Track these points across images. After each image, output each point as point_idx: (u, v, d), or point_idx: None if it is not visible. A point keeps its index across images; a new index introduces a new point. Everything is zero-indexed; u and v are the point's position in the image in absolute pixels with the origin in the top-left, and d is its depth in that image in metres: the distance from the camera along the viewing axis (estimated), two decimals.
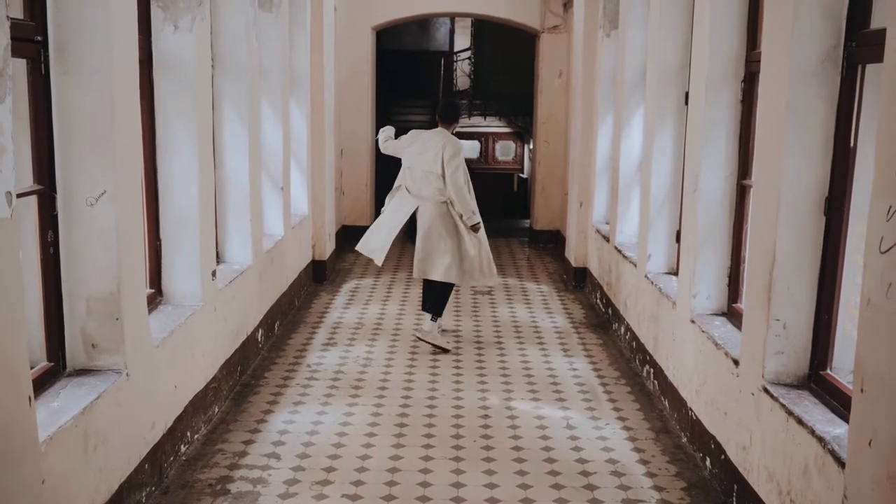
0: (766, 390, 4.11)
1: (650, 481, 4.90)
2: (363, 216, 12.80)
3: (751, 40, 5.19)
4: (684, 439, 5.49)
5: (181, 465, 4.99)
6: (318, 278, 10.03)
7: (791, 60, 3.95)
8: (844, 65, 3.90)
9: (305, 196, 9.46)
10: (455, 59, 19.62)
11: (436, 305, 7.55)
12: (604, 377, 6.77)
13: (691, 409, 5.37)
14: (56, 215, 4.02)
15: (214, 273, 5.76)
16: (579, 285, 9.98)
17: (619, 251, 7.87)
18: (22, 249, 3.26)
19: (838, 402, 3.77)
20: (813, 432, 3.59)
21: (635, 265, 7.19)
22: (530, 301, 9.37)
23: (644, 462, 5.16)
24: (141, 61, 4.61)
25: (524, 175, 17.45)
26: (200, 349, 5.48)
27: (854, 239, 3.89)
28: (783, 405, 3.91)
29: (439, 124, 7.48)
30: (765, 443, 4.13)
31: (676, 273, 6.22)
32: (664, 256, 6.75)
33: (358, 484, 4.80)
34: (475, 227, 7.38)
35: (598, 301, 9.00)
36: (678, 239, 6.44)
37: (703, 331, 5.18)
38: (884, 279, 2.80)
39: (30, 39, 3.79)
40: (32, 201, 3.90)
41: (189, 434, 5.24)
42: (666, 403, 6.01)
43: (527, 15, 12.31)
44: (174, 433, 4.96)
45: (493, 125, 17.42)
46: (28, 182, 3.86)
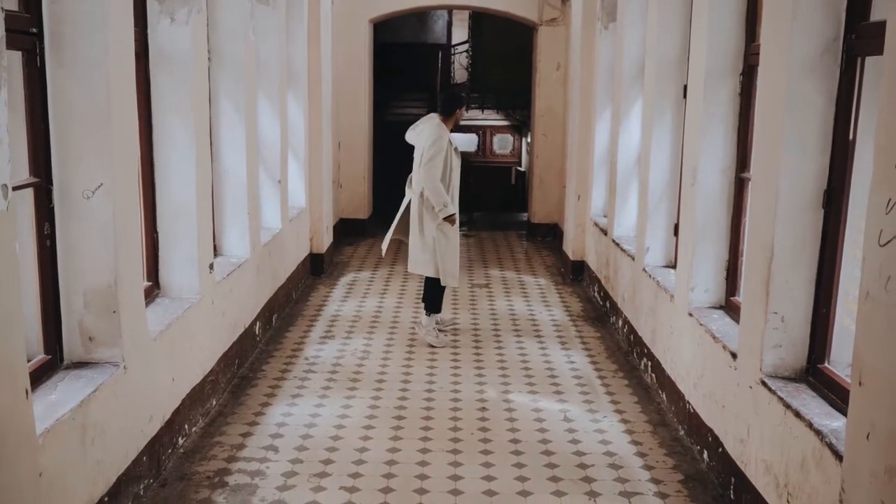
0: (764, 383, 4.11)
1: (647, 474, 4.91)
2: (361, 209, 12.80)
3: (750, 33, 5.18)
4: (682, 432, 5.49)
5: (179, 458, 4.99)
6: (316, 271, 10.02)
7: (790, 53, 3.94)
8: (844, 57, 3.89)
9: (303, 189, 9.45)
10: (453, 52, 19.58)
11: (427, 300, 7.52)
12: (601, 370, 6.78)
13: (689, 402, 5.38)
14: (52, 208, 4.01)
15: (212, 266, 5.75)
16: (577, 278, 9.98)
17: (617, 244, 7.86)
18: (18, 242, 3.25)
19: (836, 396, 3.77)
20: (811, 425, 3.60)
21: (633, 258, 7.18)
22: (528, 294, 9.37)
23: (641, 455, 5.17)
24: (137, 54, 4.59)
25: (522, 168, 17.43)
26: (198, 342, 5.47)
27: (853, 232, 3.89)
28: (781, 398, 3.91)
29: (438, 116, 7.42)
30: (762, 436, 4.13)
31: (674, 266, 6.21)
32: (662, 250, 6.75)
33: (356, 476, 4.80)
34: (449, 220, 7.17)
35: (596, 294, 9.00)
36: (676, 232, 6.43)
37: (701, 324, 5.18)
38: (883, 272, 2.80)
39: (25, 31, 3.78)
40: (29, 194, 3.88)
41: (187, 427, 5.24)
42: (663, 396, 6.02)
43: (525, 7, 12.28)
44: (172, 426, 4.96)
45: (491, 118, 17.39)
46: (24, 175, 3.84)
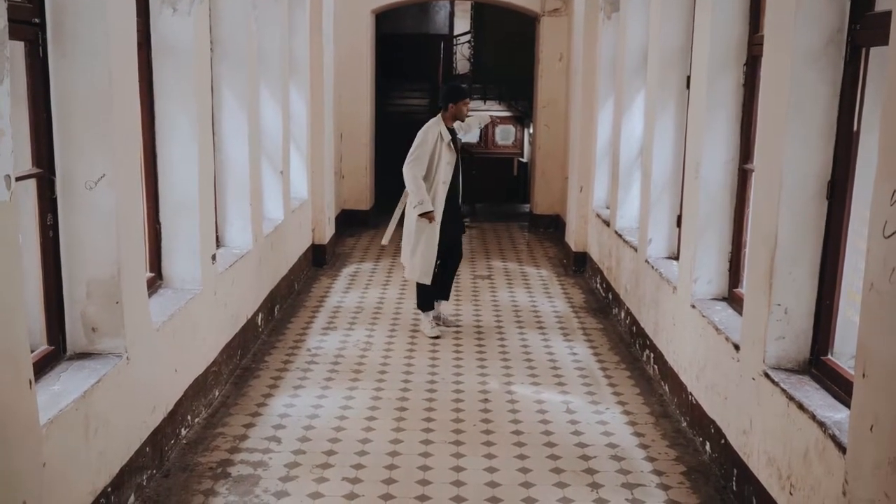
0: (767, 375, 4.11)
1: (650, 465, 4.91)
2: (363, 200, 12.79)
3: (753, 23, 5.16)
4: (684, 424, 5.49)
5: (182, 449, 5.00)
6: (318, 262, 10.02)
7: (794, 44, 3.92)
8: (848, 48, 3.87)
9: (305, 180, 9.44)
10: (455, 43, 19.54)
11: (419, 298, 7.46)
12: (604, 362, 6.78)
13: (691, 394, 5.38)
14: (55, 199, 4.01)
15: (214, 257, 5.75)
16: (579, 270, 9.97)
17: (620, 236, 7.85)
18: (21, 233, 3.25)
19: (839, 388, 3.77)
20: (814, 417, 3.59)
21: (636, 250, 7.18)
22: (530, 285, 9.37)
23: (644, 446, 5.17)
24: (139, 44, 4.58)
25: (524, 159, 17.41)
26: (200, 333, 5.48)
27: (856, 223, 3.88)
28: (784, 390, 3.91)
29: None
30: (765, 428, 4.13)
31: (677, 258, 6.21)
32: (665, 241, 6.74)
33: (358, 467, 4.81)
34: (426, 217, 7.07)
35: (599, 286, 9.00)
36: (679, 223, 6.42)
37: (704, 315, 5.18)
38: (887, 263, 2.79)
39: (27, 21, 3.77)
40: (31, 185, 3.88)
41: (189, 418, 5.24)
42: (666, 388, 6.02)
43: None
44: (175, 417, 4.97)
45: (493, 109, 17.37)
46: (27, 165, 3.84)
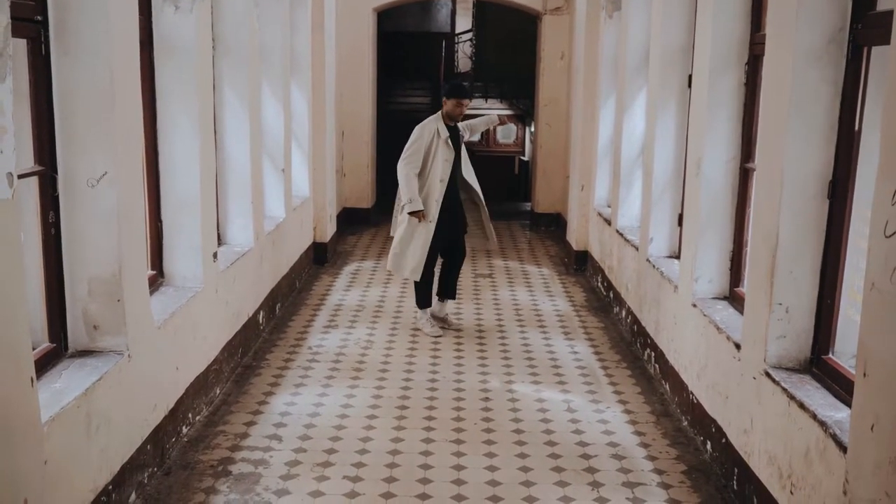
0: (768, 374, 4.11)
1: (651, 464, 4.91)
2: (364, 198, 12.79)
3: (755, 22, 5.15)
4: (685, 423, 5.50)
5: (183, 447, 5.00)
6: (319, 260, 10.03)
7: (796, 43, 3.92)
8: (850, 47, 3.87)
9: (306, 178, 9.45)
10: (456, 41, 19.55)
11: (416, 295, 7.48)
12: (605, 360, 6.78)
13: (692, 393, 5.38)
14: (57, 196, 4.01)
15: (216, 255, 5.75)
16: (580, 268, 9.97)
17: (621, 234, 7.85)
18: (23, 231, 3.25)
19: (840, 387, 3.77)
20: (815, 416, 3.59)
21: (637, 249, 7.18)
22: (531, 284, 9.37)
23: (645, 445, 5.17)
24: (141, 42, 4.58)
25: (525, 158, 17.42)
26: (202, 331, 5.48)
27: (857, 223, 3.87)
28: (785, 389, 3.91)
29: None
30: (766, 427, 4.13)
31: (678, 257, 6.21)
32: (666, 240, 6.74)
33: (359, 466, 4.81)
34: (415, 216, 7.03)
35: (600, 284, 9.00)
36: (680, 222, 6.42)
37: (705, 314, 5.18)
38: (888, 263, 2.79)
39: (30, 19, 3.77)
40: (33, 182, 3.88)
41: (191, 415, 5.25)
42: (667, 387, 6.02)
43: None
44: (176, 414, 4.97)
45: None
46: (29, 163, 3.84)
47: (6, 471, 2.94)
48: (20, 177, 3.31)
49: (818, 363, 4.06)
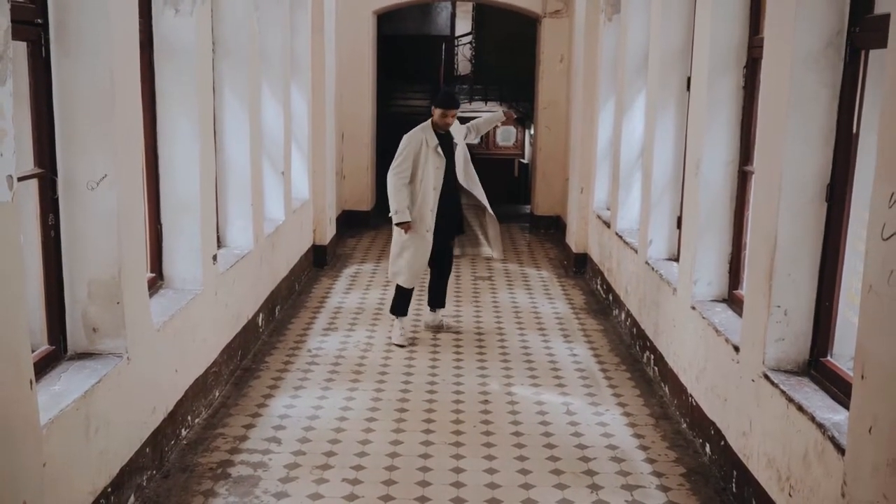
0: (767, 377, 4.11)
1: (650, 467, 4.91)
2: (364, 200, 12.80)
3: (753, 26, 5.16)
4: (684, 425, 5.50)
5: (182, 449, 5.00)
6: (319, 263, 10.03)
7: (794, 46, 3.93)
8: (847, 50, 3.88)
9: (306, 180, 9.45)
10: (456, 44, 19.58)
11: (393, 301, 7.32)
12: (604, 363, 6.78)
13: (691, 396, 5.38)
14: (57, 199, 4.02)
15: (215, 257, 5.76)
16: (580, 271, 9.98)
17: (620, 237, 7.86)
18: (23, 233, 3.25)
19: (838, 389, 3.77)
20: (813, 419, 3.60)
21: (636, 251, 7.18)
22: (531, 287, 9.37)
23: (644, 448, 5.18)
24: (141, 45, 4.59)
25: (525, 160, 17.42)
26: (201, 333, 5.48)
27: (855, 226, 3.88)
28: (783, 392, 3.92)
29: None
30: (765, 429, 4.13)
31: (677, 259, 6.21)
32: (665, 242, 6.75)
33: (358, 469, 4.82)
34: (402, 227, 6.92)
35: (599, 287, 9.00)
36: (679, 225, 6.43)
37: (704, 317, 5.19)
38: (886, 266, 2.80)
39: (30, 22, 3.78)
40: (33, 185, 3.89)
41: (190, 418, 5.25)
42: (666, 389, 6.03)
43: None
44: (175, 417, 4.97)
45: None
46: (29, 166, 3.85)
47: (5, 473, 2.94)
48: (20, 179, 3.31)
49: (816, 365, 4.07)
